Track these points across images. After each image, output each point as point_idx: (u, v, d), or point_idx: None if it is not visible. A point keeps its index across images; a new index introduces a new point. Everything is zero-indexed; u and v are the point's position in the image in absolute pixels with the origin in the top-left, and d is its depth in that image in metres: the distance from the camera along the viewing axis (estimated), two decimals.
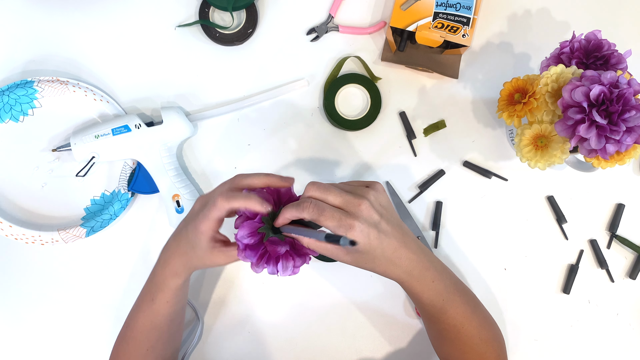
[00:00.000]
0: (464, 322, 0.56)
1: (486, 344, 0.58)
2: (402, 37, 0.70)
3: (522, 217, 0.72)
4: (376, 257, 0.49)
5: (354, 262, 0.50)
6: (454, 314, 0.56)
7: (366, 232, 0.47)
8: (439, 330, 0.58)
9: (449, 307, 0.55)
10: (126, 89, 0.72)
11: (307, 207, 0.47)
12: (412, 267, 0.52)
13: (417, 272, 0.52)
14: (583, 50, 0.59)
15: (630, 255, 0.72)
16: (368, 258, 0.49)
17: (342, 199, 0.48)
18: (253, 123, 0.72)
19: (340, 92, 0.71)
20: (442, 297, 0.54)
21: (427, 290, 0.53)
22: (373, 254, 0.49)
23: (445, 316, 0.56)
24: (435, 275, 0.54)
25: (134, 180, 0.69)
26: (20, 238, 0.68)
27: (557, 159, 0.57)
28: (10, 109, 0.70)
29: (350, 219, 0.47)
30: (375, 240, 0.48)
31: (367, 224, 0.47)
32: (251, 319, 0.71)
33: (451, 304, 0.55)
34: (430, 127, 0.72)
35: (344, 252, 0.49)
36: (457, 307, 0.56)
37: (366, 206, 0.48)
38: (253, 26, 0.71)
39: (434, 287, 0.54)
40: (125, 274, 0.71)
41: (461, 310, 0.56)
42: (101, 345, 0.71)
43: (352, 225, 0.46)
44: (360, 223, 0.47)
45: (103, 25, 0.72)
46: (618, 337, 0.72)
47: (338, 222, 0.47)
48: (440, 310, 0.55)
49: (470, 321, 0.57)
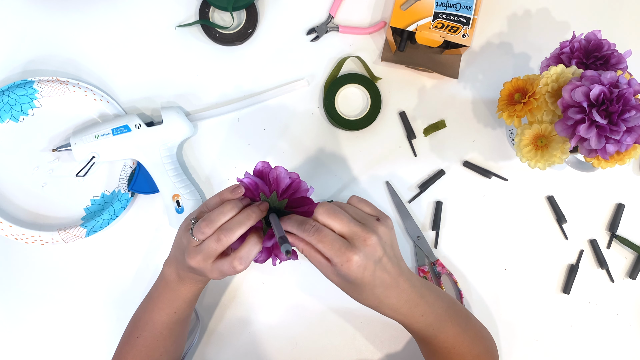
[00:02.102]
0: (454, 343, 0.56)
1: (479, 358, 0.58)
2: (402, 37, 0.70)
3: (522, 217, 0.72)
4: (365, 291, 0.49)
5: (341, 286, 0.50)
6: (444, 338, 0.56)
7: (363, 266, 0.46)
8: (431, 351, 0.59)
9: (439, 333, 0.55)
10: (126, 89, 0.72)
11: (307, 230, 0.47)
12: (399, 305, 0.51)
13: (405, 309, 0.52)
14: (583, 50, 0.59)
15: (630, 255, 0.72)
16: (356, 290, 0.49)
17: (350, 229, 0.47)
18: (253, 123, 0.72)
19: (340, 92, 0.71)
20: (432, 327, 0.54)
21: (415, 323, 0.54)
22: (362, 288, 0.48)
23: (436, 340, 0.56)
24: (425, 310, 0.53)
25: (134, 180, 0.68)
26: (20, 238, 0.68)
27: (557, 159, 0.57)
28: (10, 109, 0.70)
29: (350, 253, 0.46)
30: (369, 277, 0.47)
31: (367, 259, 0.47)
32: (251, 319, 0.71)
33: (442, 330, 0.55)
34: (430, 127, 0.72)
35: (334, 273, 0.48)
36: (447, 331, 0.56)
37: (373, 242, 0.47)
38: (253, 26, 0.71)
39: (423, 320, 0.54)
40: (126, 274, 0.71)
41: (452, 332, 0.56)
42: (101, 345, 0.71)
43: (349, 259, 0.46)
44: (359, 258, 0.46)
45: (103, 25, 0.72)
46: (618, 337, 0.72)
47: (336, 253, 0.46)
48: (430, 336, 0.55)
49: (461, 341, 0.57)
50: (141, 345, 0.59)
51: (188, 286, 0.56)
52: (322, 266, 0.48)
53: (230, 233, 0.47)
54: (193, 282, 0.56)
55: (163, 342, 0.59)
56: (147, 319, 0.59)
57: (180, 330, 0.61)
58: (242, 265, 0.47)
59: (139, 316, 0.61)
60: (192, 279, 0.55)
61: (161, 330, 0.58)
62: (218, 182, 0.72)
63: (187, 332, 0.64)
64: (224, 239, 0.47)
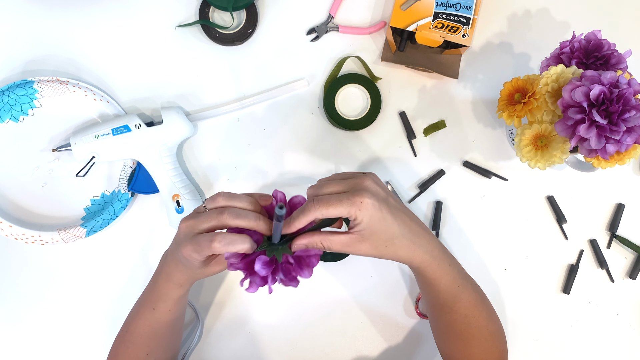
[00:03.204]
0: (474, 312, 0.55)
1: (493, 337, 0.57)
2: (402, 37, 0.70)
3: (522, 217, 0.72)
4: (395, 236, 0.47)
5: (372, 247, 0.47)
6: (466, 303, 0.54)
7: (377, 205, 0.45)
8: (448, 323, 0.57)
9: (462, 294, 0.54)
10: (126, 89, 0.72)
11: (312, 207, 0.45)
12: (432, 247, 0.50)
13: (436, 252, 0.50)
14: (583, 50, 0.59)
15: (630, 255, 0.72)
16: (386, 238, 0.47)
17: (344, 183, 0.47)
18: (253, 123, 0.72)
19: (340, 92, 0.71)
20: (457, 283, 0.53)
21: (444, 274, 0.52)
22: (391, 233, 0.47)
23: (458, 305, 0.54)
24: (451, 259, 0.52)
25: (134, 180, 0.69)
26: (20, 238, 0.68)
27: (557, 159, 0.57)
28: (10, 109, 0.70)
29: (358, 196, 0.44)
30: (389, 214, 0.46)
31: (376, 198, 0.45)
32: (251, 320, 0.71)
33: (464, 290, 0.54)
34: (430, 127, 0.72)
35: (360, 240, 0.46)
36: (469, 294, 0.54)
37: (370, 182, 0.46)
38: (253, 26, 0.71)
39: (451, 271, 0.52)
40: (125, 274, 0.71)
41: (473, 298, 0.55)
42: (100, 345, 0.71)
43: (362, 201, 0.44)
44: (369, 196, 0.45)
45: (103, 25, 0.72)
46: (618, 337, 0.72)
47: (348, 203, 0.44)
48: (455, 298, 0.54)
49: (480, 311, 0.56)
50: (128, 342, 0.59)
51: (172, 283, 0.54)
52: (346, 244, 0.47)
53: (235, 216, 0.46)
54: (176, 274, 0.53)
55: (147, 342, 0.58)
56: (130, 318, 0.59)
57: (164, 332, 0.59)
58: (219, 245, 0.44)
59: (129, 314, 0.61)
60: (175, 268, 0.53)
61: (144, 329, 0.58)
62: (218, 182, 0.72)
63: (176, 335, 0.62)
64: (226, 216, 0.46)
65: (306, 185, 0.72)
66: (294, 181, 0.72)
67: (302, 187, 0.72)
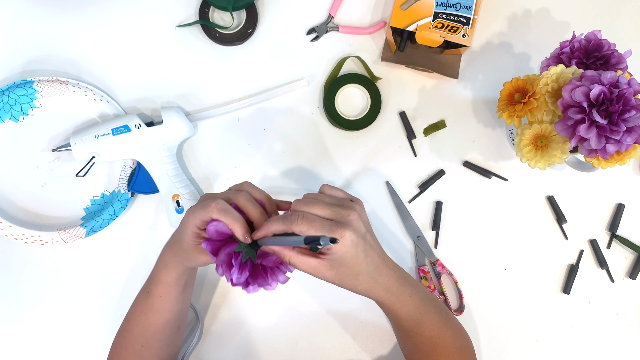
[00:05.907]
0: (439, 333, 0.57)
1: (460, 351, 0.59)
2: (402, 37, 0.70)
3: (522, 217, 0.72)
4: (360, 272, 0.49)
5: (337, 277, 0.49)
6: (430, 326, 0.56)
7: (355, 242, 0.47)
8: (415, 345, 0.59)
9: (424, 320, 0.56)
10: (126, 89, 0.72)
11: (295, 220, 0.46)
12: (391, 284, 0.52)
13: (395, 288, 0.52)
14: (583, 50, 0.59)
15: (630, 255, 0.72)
16: (352, 272, 0.48)
17: (331, 210, 0.48)
18: (253, 123, 0.72)
19: (340, 92, 0.71)
20: (419, 311, 0.55)
21: (404, 306, 0.54)
22: (358, 269, 0.48)
23: (422, 329, 0.56)
24: (411, 290, 0.54)
25: (134, 180, 0.68)
26: (20, 238, 0.68)
27: (557, 159, 0.57)
28: (10, 109, 0.70)
29: (341, 229, 0.46)
30: (362, 253, 0.48)
31: (357, 235, 0.47)
32: (251, 320, 0.71)
33: (426, 316, 0.56)
34: (430, 127, 0.72)
35: (327, 267, 0.48)
36: (432, 318, 0.56)
37: (355, 217, 0.47)
38: (253, 26, 0.71)
39: (412, 301, 0.54)
40: (125, 274, 0.71)
41: (436, 320, 0.57)
42: (100, 344, 0.71)
43: (343, 235, 0.46)
44: (351, 232, 0.46)
45: (103, 25, 0.72)
46: (618, 337, 0.72)
47: (329, 233, 0.46)
48: (418, 324, 0.56)
49: (444, 331, 0.57)
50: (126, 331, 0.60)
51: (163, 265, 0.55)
52: (313, 267, 0.48)
53: (247, 200, 0.48)
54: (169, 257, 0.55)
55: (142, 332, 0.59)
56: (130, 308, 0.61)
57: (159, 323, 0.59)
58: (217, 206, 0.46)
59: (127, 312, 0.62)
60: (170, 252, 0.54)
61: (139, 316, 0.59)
62: (218, 182, 0.72)
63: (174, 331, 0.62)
64: (239, 195, 0.49)
65: (306, 185, 0.72)
66: (293, 181, 0.72)
67: (301, 187, 0.72)
